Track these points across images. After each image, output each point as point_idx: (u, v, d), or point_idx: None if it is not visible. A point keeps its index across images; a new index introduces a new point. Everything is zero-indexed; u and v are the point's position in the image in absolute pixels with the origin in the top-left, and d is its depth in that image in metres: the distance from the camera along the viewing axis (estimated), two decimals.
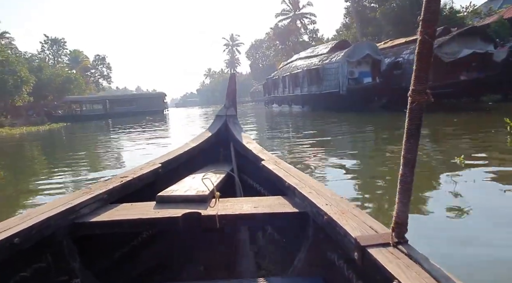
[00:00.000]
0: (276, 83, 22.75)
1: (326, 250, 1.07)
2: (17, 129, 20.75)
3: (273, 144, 6.90)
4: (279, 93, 22.22)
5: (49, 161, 7.35)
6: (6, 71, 27.45)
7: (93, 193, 1.31)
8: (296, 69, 18.39)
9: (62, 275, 1.13)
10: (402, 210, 0.77)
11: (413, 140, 0.74)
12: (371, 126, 9.29)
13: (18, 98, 29.51)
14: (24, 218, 1.06)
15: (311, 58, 17.97)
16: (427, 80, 0.71)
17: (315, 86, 16.05)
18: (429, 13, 0.68)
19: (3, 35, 35.96)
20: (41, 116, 31.84)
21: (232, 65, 77.33)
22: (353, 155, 5.22)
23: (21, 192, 4.23)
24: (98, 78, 53.01)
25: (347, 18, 30.34)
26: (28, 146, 11.38)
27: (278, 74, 22.69)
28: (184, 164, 2.01)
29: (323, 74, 15.19)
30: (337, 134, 7.99)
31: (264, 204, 1.29)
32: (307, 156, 5.12)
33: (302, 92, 17.45)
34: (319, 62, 15.96)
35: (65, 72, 39.46)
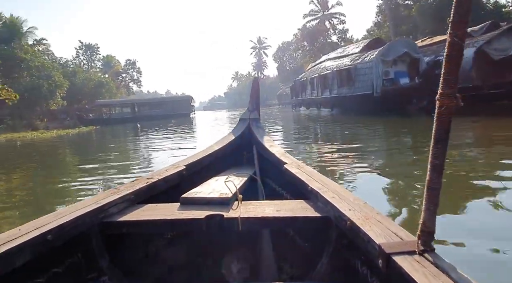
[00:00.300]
0: (303, 85, 21.89)
1: (349, 256, 1.05)
2: (48, 132, 21.31)
3: (300, 152, 6.18)
4: (306, 95, 21.32)
5: (78, 163, 7.25)
6: (42, 76, 28.57)
7: (121, 193, 1.35)
8: (325, 70, 17.44)
9: (91, 272, 1.17)
10: (429, 217, 0.75)
11: (441, 145, 0.72)
12: (409, 132, 8.31)
13: (52, 102, 30.64)
14: (56, 216, 1.09)
15: (341, 59, 16.97)
16: (456, 84, 0.70)
17: (346, 88, 15.05)
18: (459, 14, 0.67)
19: (41, 41, 37.60)
20: (74, 120, 32.97)
21: (259, 68, 77.05)
22: (388, 166, 4.61)
23: (52, 192, 4.38)
24: (128, 82, 54.49)
25: (379, 17, 28.93)
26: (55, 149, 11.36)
27: (305, 76, 21.83)
28: (207, 166, 2.04)
29: (355, 75, 14.18)
30: (370, 142, 7.13)
31: (287, 208, 1.28)
32: (335, 165, 4.60)
33: (332, 95, 16.46)
34: (351, 62, 14.97)
35: (97, 76, 40.80)
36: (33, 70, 28.50)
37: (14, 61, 27.63)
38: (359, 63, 14.20)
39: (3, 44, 28.48)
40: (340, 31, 35.88)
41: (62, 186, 4.65)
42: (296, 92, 24.10)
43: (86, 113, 34.09)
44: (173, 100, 36.74)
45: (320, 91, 18.18)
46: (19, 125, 26.79)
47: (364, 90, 13.51)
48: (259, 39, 76.30)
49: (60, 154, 9.88)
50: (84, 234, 1.14)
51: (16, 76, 28.40)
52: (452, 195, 2.82)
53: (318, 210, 1.22)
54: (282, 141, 8.19)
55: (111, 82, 42.57)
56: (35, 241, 0.95)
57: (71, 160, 8.22)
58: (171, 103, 35.48)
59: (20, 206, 3.68)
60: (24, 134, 19.82)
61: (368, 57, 13.75)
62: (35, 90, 27.92)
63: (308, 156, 5.68)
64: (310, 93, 20.51)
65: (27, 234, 0.96)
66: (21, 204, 3.75)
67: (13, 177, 5.73)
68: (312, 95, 20.00)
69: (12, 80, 28.15)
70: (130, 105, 35.14)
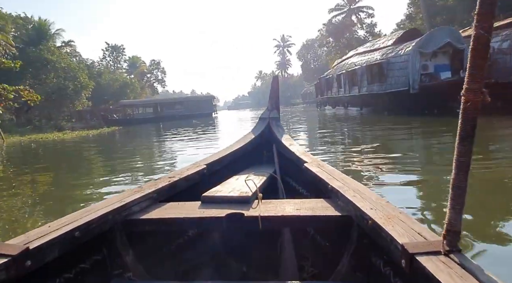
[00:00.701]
0: (329, 82, 20.56)
1: (370, 256, 1.04)
2: (68, 133, 21.31)
3: (325, 159, 5.09)
4: (332, 94, 19.99)
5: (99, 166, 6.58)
6: (68, 78, 28.99)
7: (143, 192, 1.38)
8: (354, 66, 16.07)
9: (116, 268, 1.20)
10: (455, 216, 0.74)
11: (467, 143, 0.71)
12: (453, 134, 6.93)
13: (78, 103, 31.06)
14: (83, 214, 1.12)
15: (371, 53, 15.56)
16: (483, 79, 0.68)
17: (377, 85, 13.66)
18: (485, 6, 0.65)
19: (69, 43, 38.43)
20: (99, 120, 33.37)
21: (283, 66, 75.76)
22: (429, 175, 3.83)
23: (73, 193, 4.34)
24: (153, 82, 54.97)
25: (411, 8, 26.94)
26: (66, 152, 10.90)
27: (331, 72, 20.49)
28: (228, 165, 2.05)
29: (388, 70, 12.78)
30: (407, 148, 6.02)
31: (307, 206, 1.28)
32: (369, 175, 3.90)
33: (361, 92, 15.07)
34: (382, 56, 13.56)
35: (122, 77, 41.23)
36: (59, 71, 28.95)
37: (41, 63, 28.15)
38: (392, 56, 12.79)
39: (31, 47, 29.22)
40: (368, 26, 33.81)
41: (63, 193, 4.41)
42: (321, 90, 22.78)
43: (111, 114, 34.38)
44: (195, 100, 36.31)
45: (348, 89, 16.83)
46: (46, 126, 27.30)
47: (398, 86, 12.11)
48: (283, 37, 74.98)
49: (70, 158, 9.34)
50: (109, 231, 1.17)
51: (43, 78, 28.94)
52: (484, 196, 2.71)
53: (339, 209, 1.21)
54: (306, 146, 7.13)
55: (136, 82, 42.91)
56: (64, 237, 0.98)
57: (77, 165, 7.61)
58: (193, 103, 35.10)
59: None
60: (47, 135, 19.89)
61: (403, 50, 12.32)
62: (61, 91, 28.36)
63: (334, 164, 4.66)
64: (336, 91, 19.16)
65: (56, 230, 0.99)
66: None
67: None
68: (338, 93, 18.65)
69: (39, 82, 28.77)
70: (153, 105, 35.11)
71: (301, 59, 67.25)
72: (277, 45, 75.21)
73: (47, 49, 28.89)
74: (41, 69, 28.51)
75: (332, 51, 36.41)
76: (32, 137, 19.71)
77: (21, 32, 31.55)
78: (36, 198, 4.12)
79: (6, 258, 0.84)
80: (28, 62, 28.18)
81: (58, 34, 34.45)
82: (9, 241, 0.93)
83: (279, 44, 75.05)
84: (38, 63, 28.17)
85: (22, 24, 31.66)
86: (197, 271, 1.47)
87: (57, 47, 33.13)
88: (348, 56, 19.94)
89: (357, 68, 15.29)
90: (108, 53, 48.86)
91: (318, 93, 23.89)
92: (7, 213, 3.44)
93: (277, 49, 75.36)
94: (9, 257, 0.85)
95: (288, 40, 75.03)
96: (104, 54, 48.65)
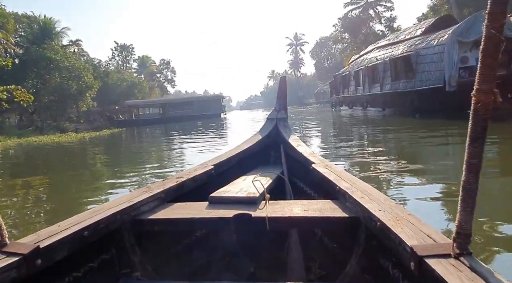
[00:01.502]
0: (346, 80, 18.65)
1: (379, 258, 1.03)
2: (64, 136, 20.05)
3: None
4: (349, 92, 18.06)
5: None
6: (71, 77, 28.01)
7: (152, 192, 1.38)
8: (374, 61, 14.15)
9: (124, 267, 1.22)
10: (465, 219, 0.73)
11: (478, 144, 0.70)
12: (503, 142, 5.29)
13: (82, 103, 30.06)
14: (91, 214, 1.13)
15: (395, 45, 13.59)
16: (494, 79, 0.67)
17: (404, 82, 11.71)
18: (496, 5, 0.64)
19: (76, 42, 37.66)
20: (104, 121, 32.41)
21: (296, 66, 73.75)
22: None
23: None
24: (163, 82, 53.98)
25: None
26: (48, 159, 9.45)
27: (348, 69, 18.57)
28: (235, 165, 2.05)
29: (417, 63, 10.84)
30: (444, 160, 4.57)
31: (315, 208, 1.27)
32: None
33: (383, 90, 13.10)
34: (410, 48, 11.61)
35: (130, 76, 40.16)
36: (63, 71, 28.00)
37: (44, 62, 27.24)
38: (422, 48, 10.83)
39: (35, 45, 28.38)
40: (387, 20, 31.39)
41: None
42: (336, 89, 20.87)
43: (117, 115, 33.34)
44: (203, 100, 34.79)
45: (367, 87, 14.89)
46: (48, 128, 26.34)
47: (430, 83, 10.17)
48: (296, 35, 72.90)
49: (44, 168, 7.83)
50: (117, 231, 1.18)
51: (47, 78, 28.05)
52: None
53: (347, 210, 1.20)
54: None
55: (144, 82, 41.84)
56: (73, 237, 0.99)
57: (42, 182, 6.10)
58: (201, 103, 33.68)
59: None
60: (42, 138, 18.73)
61: (436, 40, 10.36)
62: (64, 92, 27.42)
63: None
64: (353, 90, 17.24)
65: (65, 230, 1.00)
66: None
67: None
68: (356, 92, 16.72)
69: (44, 81, 27.91)
70: (159, 106, 33.88)
71: (314, 58, 65.23)
72: (289, 44, 73.20)
73: (50, 48, 27.91)
74: (45, 69, 27.59)
75: (348, 47, 34.19)
76: (28, 139, 18.69)
77: (25, 31, 30.90)
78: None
79: (18, 257, 0.86)
80: (31, 61, 27.48)
81: (63, 32, 33.64)
82: (20, 239, 0.95)
83: (291, 42, 73.00)
84: (42, 63, 27.27)
85: (27, 22, 30.90)
86: (205, 271, 1.48)
87: (62, 46, 32.33)
88: (368, 50, 17.97)
89: (379, 63, 13.32)
90: (117, 53, 48.09)
91: (333, 93, 21.98)
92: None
93: (290, 47, 73.35)
94: (20, 255, 0.86)
95: (301, 38, 72.91)
96: (113, 53, 47.93)
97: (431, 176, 3.78)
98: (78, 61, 31.28)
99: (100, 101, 35.22)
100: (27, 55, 28.13)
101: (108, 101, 35.75)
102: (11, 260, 0.83)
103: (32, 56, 26.74)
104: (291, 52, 73.41)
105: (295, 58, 73.28)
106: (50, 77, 27.91)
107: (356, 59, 18.81)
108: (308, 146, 7.24)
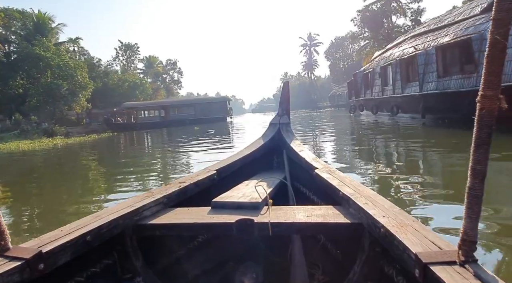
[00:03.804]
0: (369, 79, 15.40)
1: (383, 265, 1.03)
2: (34, 141, 17.37)
3: None
4: (373, 94, 14.79)
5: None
6: (63, 76, 25.68)
7: (154, 197, 1.38)
8: (411, 52, 10.88)
9: (126, 272, 1.21)
10: (471, 226, 0.73)
11: (483, 150, 0.70)
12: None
13: (75, 105, 27.70)
14: (94, 218, 1.13)
15: (440, 31, 10.30)
16: (499, 85, 0.67)
17: (459, 77, 8.39)
18: (501, 12, 0.65)
19: (76, 40, 35.58)
20: (101, 124, 30.06)
21: (310, 67, 70.41)
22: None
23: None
24: (169, 83, 51.63)
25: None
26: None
27: (372, 66, 15.30)
28: (238, 171, 2.04)
29: (481, 51, 7.55)
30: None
31: (317, 213, 1.26)
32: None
33: (424, 91, 9.74)
34: (468, 31, 8.31)
35: (135, 77, 37.71)
36: (54, 69, 25.69)
37: (33, 60, 25.00)
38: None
39: (25, 42, 26.25)
40: (415, 12, 27.70)
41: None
42: (356, 90, 17.59)
43: (115, 117, 30.87)
44: (207, 103, 31.91)
45: (399, 86, 11.61)
46: (34, 131, 23.98)
47: (506, 79, 6.86)
48: (310, 35, 69.55)
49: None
50: (119, 235, 1.18)
51: (38, 76, 25.81)
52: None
53: (350, 216, 1.19)
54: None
55: (146, 82, 39.42)
56: (76, 241, 0.99)
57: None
58: (204, 105, 30.86)
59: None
60: (8, 145, 16.12)
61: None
62: (53, 92, 25.06)
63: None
64: (379, 90, 13.96)
65: (68, 235, 1.00)
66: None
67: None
68: (383, 93, 13.44)
69: (32, 81, 25.71)
70: (159, 108, 31.23)
71: (329, 59, 61.72)
72: (303, 45, 69.87)
73: (41, 45, 25.62)
74: (35, 67, 25.36)
75: (368, 45, 30.67)
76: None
77: (18, 27, 28.89)
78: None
79: (20, 261, 0.86)
80: (20, 59, 25.36)
81: (58, 28, 31.43)
82: (23, 244, 0.95)
83: (305, 43, 69.66)
84: (32, 60, 25.08)
85: (19, 18, 28.84)
86: (207, 277, 1.47)
87: (57, 44, 30.17)
88: (397, 42, 14.68)
89: (419, 54, 10.03)
90: (122, 52, 45.94)
91: (352, 94, 18.72)
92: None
93: (303, 48, 70.02)
94: (23, 260, 0.87)
95: (315, 39, 69.50)
96: (117, 53, 45.78)
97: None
98: (72, 59, 28.98)
99: (100, 103, 32.98)
100: (17, 53, 26.10)
101: (109, 103, 33.38)
102: (14, 265, 0.84)
103: (21, 53, 24.64)
104: (305, 53, 70.13)
105: (309, 60, 69.91)
106: (41, 76, 25.68)
107: (382, 54, 15.52)
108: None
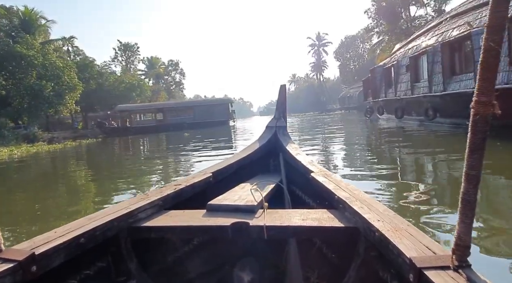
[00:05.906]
0: (392, 75, 12.55)
1: (378, 269, 1.03)
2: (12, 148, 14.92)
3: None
4: (398, 93, 11.94)
5: None
6: (49, 77, 23.49)
7: (149, 199, 1.37)
8: (461, 31, 8.03)
9: (120, 275, 1.21)
10: (464, 231, 0.73)
11: (477, 155, 0.71)
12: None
13: (63, 107, 25.45)
14: (88, 220, 1.12)
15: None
16: (493, 91, 0.68)
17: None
18: (495, 19, 0.65)
19: (70, 40, 33.58)
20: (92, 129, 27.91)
21: (318, 69, 67.51)
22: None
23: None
24: (170, 85, 49.38)
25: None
26: None
27: (397, 58, 12.45)
28: (234, 173, 2.04)
29: None
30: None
31: (313, 217, 1.26)
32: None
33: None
34: None
35: (130, 78, 35.40)
36: (39, 69, 23.49)
37: (14, 58, 22.84)
38: None
39: (8, 39, 24.18)
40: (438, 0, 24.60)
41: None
42: (373, 89, 14.71)
43: (109, 121, 28.58)
44: (207, 105, 29.37)
45: (440, 81, 8.74)
46: (12, 136, 21.69)
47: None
48: (318, 35, 66.65)
49: None
50: (114, 238, 1.17)
51: (21, 76, 23.63)
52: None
53: (346, 220, 1.20)
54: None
55: (145, 84, 37.11)
56: (70, 243, 0.98)
57: None
58: (204, 108, 28.37)
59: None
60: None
61: None
62: (36, 93, 22.83)
63: None
64: (406, 88, 11.11)
65: (61, 236, 0.99)
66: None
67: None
68: (413, 91, 10.57)
69: (15, 82, 23.56)
70: (154, 110, 28.81)
71: (338, 59, 58.67)
72: (311, 45, 66.98)
73: (25, 43, 23.46)
74: (17, 67, 23.21)
75: (383, 40, 27.67)
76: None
77: (4, 24, 26.88)
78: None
79: (13, 263, 0.85)
80: (3, 57, 23.32)
81: (46, 26, 29.33)
82: (15, 246, 0.94)
83: (314, 43, 66.74)
84: (13, 59, 22.93)
85: (4, 14, 26.83)
86: (202, 280, 1.47)
87: (45, 42, 28.08)
88: (425, 30, 11.80)
89: (475, 33, 7.12)
90: (121, 53, 43.84)
91: (368, 94, 15.86)
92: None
93: (312, 49, 67.14)
94: (16, 262, 0.86)
95: (324, 38, 66.52)
96: (116, 53, 43.68)
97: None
98: (61, 58, 26.79)
99: (97, 105, 30.81)
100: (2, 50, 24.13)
101: (107, 106, 31.08)
102: (6, 267, 0.83)
103: (0, 51, 22.58)
104: (313, 53, 67.24)
105: (318, 60, 66.98)
106: (25, 76, 23.51)
107: (405, 45, 12.67)
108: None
